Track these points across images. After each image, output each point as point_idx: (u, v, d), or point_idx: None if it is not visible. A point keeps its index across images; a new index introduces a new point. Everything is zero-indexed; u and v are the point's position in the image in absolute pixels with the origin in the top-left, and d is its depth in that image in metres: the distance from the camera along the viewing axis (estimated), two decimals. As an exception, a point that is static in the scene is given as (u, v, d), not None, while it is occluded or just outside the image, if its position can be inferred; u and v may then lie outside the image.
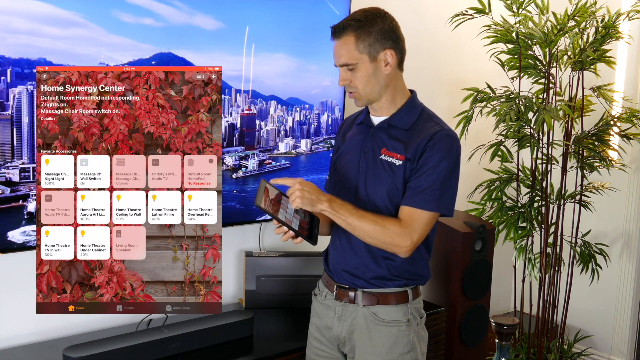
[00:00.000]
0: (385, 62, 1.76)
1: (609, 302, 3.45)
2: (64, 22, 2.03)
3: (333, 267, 1.91)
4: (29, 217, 2.04)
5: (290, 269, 2.61)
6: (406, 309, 1.85)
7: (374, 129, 1.85)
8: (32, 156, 2.02)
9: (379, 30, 1.74)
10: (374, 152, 1.83)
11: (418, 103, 1.87)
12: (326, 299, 1.92)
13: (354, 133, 1.92)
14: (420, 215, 1.74)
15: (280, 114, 2.59)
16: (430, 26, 3.24)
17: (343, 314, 1.88)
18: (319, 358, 1.95)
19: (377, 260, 1.82)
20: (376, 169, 1.81)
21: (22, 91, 1.98)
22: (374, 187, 1.81)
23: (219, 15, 2.35)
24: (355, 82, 1.77)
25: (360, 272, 1.85)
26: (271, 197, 1.65)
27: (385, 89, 1.80)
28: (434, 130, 1.77)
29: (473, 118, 2.86)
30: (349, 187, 1.87)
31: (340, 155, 1.94)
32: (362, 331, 1.85)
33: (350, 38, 1.73)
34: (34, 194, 2.02)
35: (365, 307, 1.84)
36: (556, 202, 2.97)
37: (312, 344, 1.98)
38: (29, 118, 2.00)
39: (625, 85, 3.28)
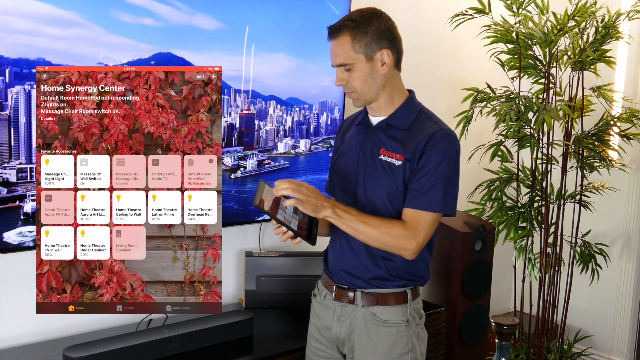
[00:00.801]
0: (381, 61, 1.77)
1: (609, 302, 3.45)
2: (63, 22, 2.03)
3: (332, 268, 1.91)
4: (25, 217, 2.03)
5: (290, 269, 2.61)
6: (405, 310, 1.85)
7: (373, 129, 1.85)
8: (29, 156, 2.01)
9: (375, 30, 1.74)
10: (373, 152, 1.82)
11: (416, 102, 1.87)
12: (325, 299, 1.92)
13: (353, 133, 1.92)
14: (424, 217, 1.75)
15: (279, 114, 2.59)
16: (430, 26, 3.24)
17: (342, 314, 1.88)
18: (319, 358, 1.95)
19: (376, 260, 1.82)
20: (375, 169, 1.81)
21: (19, 91, 1.97)
22: (373, 188, 1.81)
23: (219, 15, 2.35)
24: (352, 82, 1.77)
25: (359, 273, 1.84)
26: (270, 197, 1.65)
27: (382, 89, 1.80)
28: (432, 130, 1.77)
29: (473, 118, 2.86)
30: (348, 187, 1.87)
31: (340, 156, 1.94)
32: (361, 331, 1.85)
33: (347, 38, 1.74)
34: (31, 194, 2.02)
35: (365, 308, 1.84)
36: (556, 202, 2.97)
37: (311, 344, 1.98)
38: (26, 118, 1.99)
39: (625, 85, 3.28)
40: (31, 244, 2.05)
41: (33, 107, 1.98)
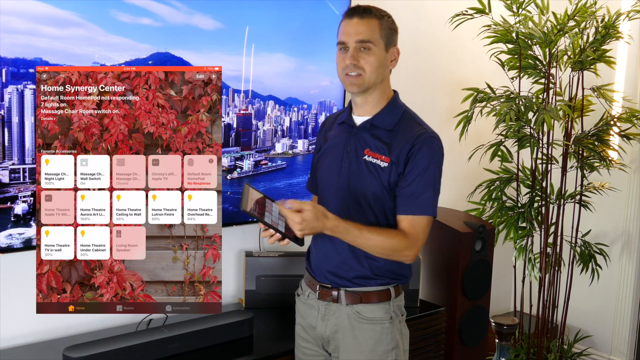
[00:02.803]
0: (392, 57, 1.82)
1: (609, 302, 3.45)
2: (62, 21, 2.02)
3: (315, 267, 1.91)
4: (16, 219, 2.01)
5: (290, 269, 2.60)
6: (388, 307, 1.85)
7: (357, 129, 1.85)
8: (22, 157, 2.00)
9: (391, 28, 1.81)
10: (357, 152, 1.83)
11: (400, 103, 1.87)
12: (309, 298, 1.93)
13: (336, 132, 1.92)
14: (420, 223, 1.77)
15: (277, 114, 2.58)
16: (430, 26, 3.24)
17: (327, 313, 1.88)
18: (307, 357, 1.96)
19: (359, 259, 1.83)
20: (359, 169, 1.81)
21: (12, 91, 1.95)
22: (356, 188, 1.81)
23: (218, 15, 2.34)
24: (364, 63, 1.76)
25: (342, 272, 1.85)
26: (256, 200, 1.64)
27: (381, 83, 1.81)
28: (417, 133, 1.78)
29: (473, 118, 2.86)
30: (331, 186, 1.87)
31: (323, 155, 1.93)
32: (345, 330, 1.85)
33: (375, 21, 1.77)
34: (22, 195, 2.00)
35: (349, 306, 1.84)
36: (556, 202, 2.97)
37: (299, 344, 1.99)
38: (19, 118, 1.98)
39: (625, 85, 3.28)
40: (20, 246, 2.03)
41: (26, 108, 1.97)
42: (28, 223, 2.04)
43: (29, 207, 2.03)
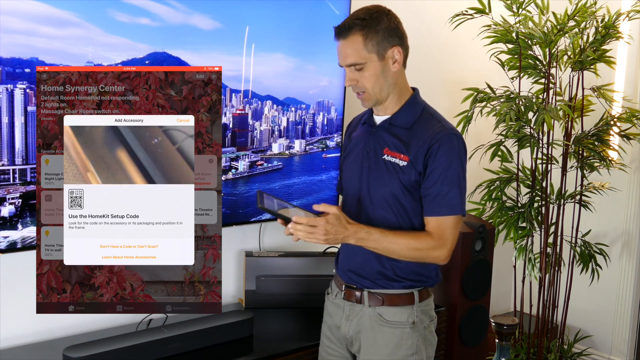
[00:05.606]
0: (393, 59, 1.76)
1: (609, 302, 3.45)
2: (60, 21, 2.02)
3: (341, 267, 1.92)
4: (2, 222, 1.97)
5: (290, 269, 2.60)
6: (411, 311, 1.84)
7: (376, 129, 1.85)
8: (12, 158, 1.97)
9: (386, 28, 1.74)
10: (376, 151, 1.82)
11: (420, 101, 1.86)
12: (337, 298, 1.93)
13: (359, 133, 1.92)
14: (448, 223, 1.75)
15: (274, 114, 2.56)
16: (430, 26, 3.24)
17: (351, 313, 1.88)
18: (330, 357, 1.96)
19: (380, 258, 1.82)
20: (379, 169, 1.81)
21: (2, 91, 1.92)
22: (376, 188, 1.81)
23: (216, 15, 2.34)
24: (363, 82, 1.76)
25: (364, 272, 1.84)
26: (271, 200, 1.67)
27: (392, 88, 1.79)
28: (436, 131, 1.76)
29: (473, 118, 2.86)
30: (353, 187, 1.87)
31: (347, 156, 1.94)
32: (367, 331, 1.85)
33: (358, 37, 1.72)
34: (10, 197, 1.97)
35: (371, 308, 1.84)
36: (556, 202, 2.97)
37: (323, 342, 1.99)
38: (8, 118, 1.95)
39: (625, 85, 3.28)
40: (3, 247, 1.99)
41: (16, 108, 1.96)
42: (15, 226, 1.99)
43: (16, 209, 1.98)
